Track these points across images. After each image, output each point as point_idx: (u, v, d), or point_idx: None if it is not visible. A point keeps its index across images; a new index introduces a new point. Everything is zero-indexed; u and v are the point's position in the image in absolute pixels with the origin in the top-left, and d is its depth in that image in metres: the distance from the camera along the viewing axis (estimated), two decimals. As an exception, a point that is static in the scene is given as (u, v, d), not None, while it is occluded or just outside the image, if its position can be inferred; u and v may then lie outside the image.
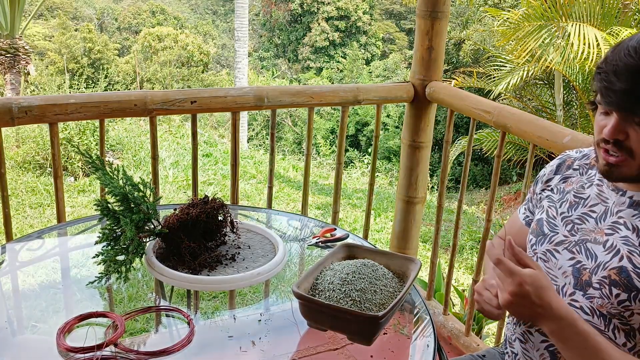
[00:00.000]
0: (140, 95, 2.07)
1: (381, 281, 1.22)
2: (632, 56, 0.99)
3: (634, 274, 1.06)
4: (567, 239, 1.18)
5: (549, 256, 1.21)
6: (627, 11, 6.16)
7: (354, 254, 1.37)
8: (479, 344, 2.47)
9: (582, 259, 1.14)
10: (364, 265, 1.25)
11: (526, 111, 2.13)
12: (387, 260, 1.33)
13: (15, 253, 1.54)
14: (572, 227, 1.19)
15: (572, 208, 1.21)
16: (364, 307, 1.15)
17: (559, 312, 1.00)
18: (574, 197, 1.22)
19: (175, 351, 1.13)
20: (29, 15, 12.67)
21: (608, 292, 1.08)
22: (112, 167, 1.43)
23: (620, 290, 1.07)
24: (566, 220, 1.20)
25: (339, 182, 2.58)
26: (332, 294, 1.18)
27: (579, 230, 1.17)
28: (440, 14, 2.44)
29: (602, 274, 1.10)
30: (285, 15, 20.59)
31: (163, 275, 1.33)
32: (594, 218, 1.16)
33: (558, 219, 1.22)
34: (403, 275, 1.31)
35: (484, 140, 7.28)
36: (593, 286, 1.11)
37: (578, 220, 1.18)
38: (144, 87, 15.69)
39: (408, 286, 1.22)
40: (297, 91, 2.37)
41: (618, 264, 1.08)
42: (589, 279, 1.12)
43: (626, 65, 0.99)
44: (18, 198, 7.37)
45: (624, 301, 1.07)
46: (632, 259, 1.07)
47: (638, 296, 1.05)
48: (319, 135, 14.50)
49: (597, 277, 1.10)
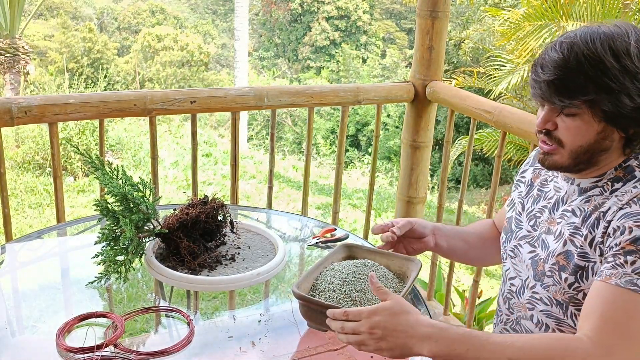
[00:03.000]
0: (139, 95, 2.06)
1: (381, 281, 1.22)
2: (557, 50, 1.04)
3: (576, 254, 1.08)
4: (530, 234, 1.22)
5: (516, 252, 1.25)
6: (627, 11, 6.15)
7: (354, 254, 1.36)
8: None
9: (539, 250, 1.18)
10: (364, 265, 1.24)
11: (527, 111, 2.13)
12: (387, 260, 1.33)
13: (14, 253, 1.53)
14: (534, 222, 1.22)
15: (535, 202, 1.24)
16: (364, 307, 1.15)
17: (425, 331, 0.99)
18: (538, 191, 1.26)
19: (175, 351, 1.13)
20: (29, 15, 12.67)
21: (559, 278, 1.12)
22: (111, 167, 1.42)
23: (568, 274, 1.10)
24: (530, 215, 1.24)
25: (339, 182, 2.57)
26: (332, 294, 1.18)
27: (539, 224, 1.20)
28: (440, 13, 2.44)
29: (552, 261, 1.13)
30: (285, 15, 20.58)
31: (163, 276, 1.33)
32: (548, 209, 1.20)
33: (523, 215, 1.26)
34: (403, 275, 1.30)
35: (484, 140, 7.27)
36: (546, 274, 1.14)
37: (538, 214, 1.22)
38: (145, 86, 15.69)
39: (408, 286, 1.22)
40: (297, 91, 2.37)
41: (563, 248, 1.11)
42: (543, 268, 1.15)
43: (550, 58, 1.05)
44: (18, 198, 7.37)
45: (572, 283, 1.10)
46: (575, 240, 1.10)
47: (584, 275, 1.08)
48: (319, 135, 14.49)
49: (549, 265, 1.14)
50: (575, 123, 1.06)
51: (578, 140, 1.07)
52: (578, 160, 1.09)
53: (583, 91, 1.02)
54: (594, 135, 1.06)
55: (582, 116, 1.04)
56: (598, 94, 1.01)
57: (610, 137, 1.06)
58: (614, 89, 1.01)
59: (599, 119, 1.04)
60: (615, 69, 1.01)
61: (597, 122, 1.04)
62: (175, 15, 20.48)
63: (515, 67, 6.97)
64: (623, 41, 1.02)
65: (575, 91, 1.03)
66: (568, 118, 1.06)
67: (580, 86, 1.02)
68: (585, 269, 1.08)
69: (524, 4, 6.40)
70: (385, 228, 1.34)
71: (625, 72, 1.01)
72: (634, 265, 0.97)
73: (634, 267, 0.97)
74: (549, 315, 1.16)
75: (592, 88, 1.01)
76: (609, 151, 1.08)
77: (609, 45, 1.01)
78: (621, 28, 1.04)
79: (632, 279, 0.96)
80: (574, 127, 1.06)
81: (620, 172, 1.10)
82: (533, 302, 1.19)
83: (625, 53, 1.01)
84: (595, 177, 1.12)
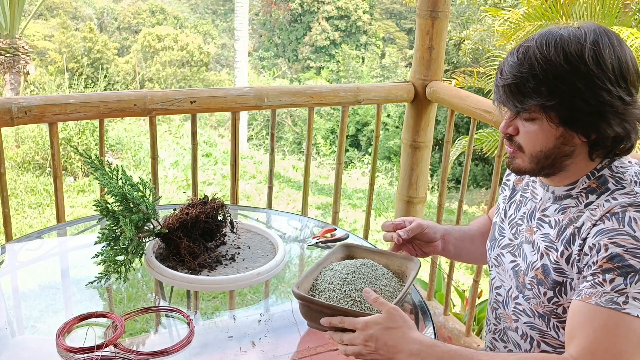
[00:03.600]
0: (139, 95, 2.06)
1: (381, 281, 1.22)
2: (514, 54, 1.05)
3: (553, 269, 1.07)
4: (511, 243, 1.21)
5: (500, 260, 1.23)
6: (627, 11, 6.15)
7: (353, 253, 1.35)
8: (479, 344, 2.47)
9: (520, 261, 1.17)
10: (363, 265, 1.24)
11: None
12: (387, 259, 1.32)
13: (14, 253, 1.53)
14: (515, 230, 1.21)
15: (517, 209, 1.23)
16: (364, 307, 1.15)
17: (412, 347, 1.00)
18: (520, 197, 1.24)
19: (175, 351, 1.13)
20: (29, 15, 12.66)
21: (537, 292, 1.11)
22: (111, 167, 1.42)
23: (546, 288, 1.09)
24: (512, 223, 1.23)
25: (339, 182, 2.57)
26: (332, 294, 1.17)
27: (520, 232, 1.19)
28: (440, 13, 2.44)
29: (531, 275, 1.12)
30: (285, 15, 20.58)
31: (163, 276, 1.33)
32: (526, 216, 1.19)
33: (506, 222, 1.25)
34: (403, 274, 1.30)
35: (484, 140, 7.27)
36: (527, 287, 1.13)
37: (520, 221, 1.21)
38: (145, 86, 15.69)
39: (408, 286, 1.22)
40: (297, 91, 2.37)
41: (540, 262, 1.10)
42: (524, 280, 1.14)
43: (508, 62, 1.05)
44: (17, 198, 7.37)
45: (552, 298, 1.09)
46: (550, 254, 1.09)
47: (562, 290, 1.07)
48: (319, 135, 14.49)
49: (529, 278, 1.13)
50: (533, 128, 1.05)
51: (538, 145, 1.06)
52: (540, 165, 1.08)
53: (536, 95, 1.01)
54: (552, 140, 1.04)
55: (540, 121, 1.03)
56: (551, 98, 1.00)
57: (571, 142, 1.04)
58: (567, 92, 0.99)
59: (556, 124, 1.02)
60: (568, 73, 0.99)
61: (555, 127, 1.03)
62: (175, 15, 20.47)
63: (515, 67, 6.96)
64: (578, 44, 1.00)
65: (528, 95, 1.02)
66: (528, 123, 1.05)
67: (533, 90, 1.01)
68: (563, 284, 1.06)
69: (524, 4, 6.39)
70: (396, 226, 1.32)
71: (578, 75, 0.99)
72: (613, 284, 0.95)
73: (613, 285, 0.95)
74: (533, 327, 1.15)
75: (545, 92, 1.00)
76: (573, 156, 1.06)
77: (562, 49, 1.00)
78: (581, 30, 1.02)
79: (612, 298, 0.94)
80: (532, 132, 1.05)
81: (594, 182, 1.07)
82: (517, 314, 1.18)
83: (579, 56, 0.99)
84: (567, 185, 1.10)
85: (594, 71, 0.99)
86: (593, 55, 0.99)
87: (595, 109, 1.00)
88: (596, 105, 0.99)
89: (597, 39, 1.00)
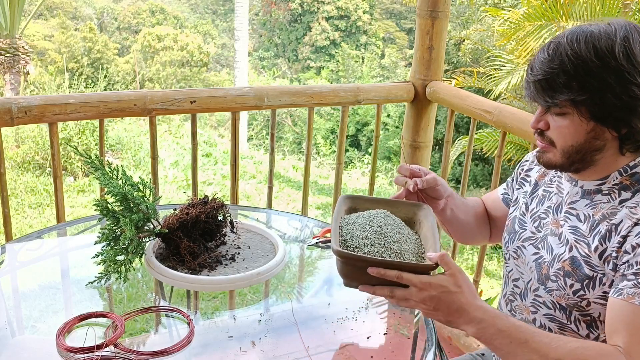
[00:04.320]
0: (139, 95, 2.06)
1: (405, 229, 1.16)
2: (544, 51, 1.07)
3: (583, 262, 1.09)
4: (533, 236, 1.22)
5: (519, 253, 1.24)
6: (627, 11, 6.15)
7: (356, 205, 1.25)
8: (479, 344, 2.47)
9: (543, 253, 1.18)
10: (384, 215, 1.17)
11: (527, 111, 2.13)
12: (393, 208, 1.23)
13: (14, 253, 1.53)
14: (538, 223, 1.22)
15: (540, 203, 1.24)
16: (405, 258, 1.08)
17: (474, 314, 1.00)
18: (543, 192, 1.26)
19: (175, 351, 1.13)
20: (29, 15, 12.67)
21: (563, 284, 1.12)
22: (111, 167, 1.42)
23: (574, 281, 1.10)
24: (534, 216, 1.24)
25: (339, 182, 2.57)
26: (372, 249, 1.08)
27: (543, 225, 1.20)
28: (440, 13, 2.44)
29: (557, 266, 1.13)
30: (285, 15, 20.58)
31: (163, 276, 1.33)
32: (552, 210, 1.20)
33: (527, 215, 1.26)
34: (410, 221, 1.23)
35: (484, 140, 7.27)
36: (551, 279, 1.14)
37: (543, 215, 1.22)
38: (145, 86, 15.69)
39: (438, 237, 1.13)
40: (297, 91, 2.37)
41: (569, 254, 1.11)
42: (548, 272, 1.15)
43: (538, 59, 1.07)
44: (17, 198, 7.37)
45: (578, 290, 1.10)
46: (579, 247, 1.10)
47: (590, 284, 1.08)
48: (319, 135, 14.49)
49: (554, 270, 1.14)
50: (564, 122, 1.07)
51: (569, 139, 1.07)
52: (571, 160, 1.09)
53: (567, 90, 1.03)
54: (583, 135, 1.06)
55: (571, 115, 1.05)
56: (582, 93, 1.02)
57: (602, 136, 1.06)
58: (597, 88, 1.01)
59: (587, 119, 1.04)
60: (599, 68, 1.01)
61: (586, 122, 1.05)
62: (175, 15, 20.47)
63: (515, 67, 6.97)
64: (609, 39, 1.02)
65: (558, 90, 1.04)
66: (558, 117, 1.07)
67: (564, 85, 1.03)
68: (592, 279, 1.07)
69: (524, 4, 6.39)
70: (413, 173, 1.27)
71: (608, 70, 1.01)
72: None
73: None
74: (552, 319, 1.16)
75: (576, 87, 1.02)
76: (603, 151, 1.08)
77: (592, 45, 1.02)
78: (611, 26, 1.04)
79: None
80: (563, 127, 1.07)
81: (627, 179, 1.09)
82: (536, 306, 1.19)
83: (609, 51, 1.01)
84: (598, 180, 1.12)
85: (624, 66, 1.00)
86: (623, 50, 1.01)
87: (626, 104, 1.01)
88: (627, 99, 1.01)
89: (627, 35, 1.02)
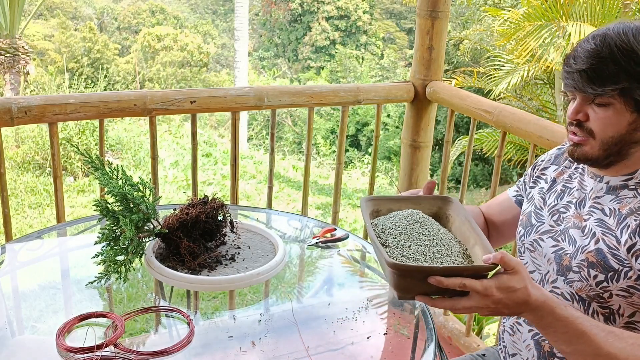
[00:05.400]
0: (139, 95, 2.06)
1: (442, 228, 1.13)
2: (589, 41, 1.08)
3: (610, 254, 1.10)
4: (552, 229, 1.23)
5: (536, 245, 1.25)
6: (627, 11, 6.15)
7: (377, 206, 1.19)
8: (479, 344, 2.47)
9: (564, 245, 1.18)
10: (419, 215, 1.12)
11: (527, 111, 2.13)
12: (416, 205, 1.18)
13: (14, 253, 1.53)
14: (557, 217, 1.23)
15: (559, 197, 1.25)
16: (453, 261, 1.04)
17: (535, 304, 0.99)
18: (562, 187, 1.26)
19: (175, 351, 1.13)
20: (29, 15, 12.67)
21: (587, 275, 1.12)
22: (111, 167, 1.42)
23: (598, 272, 1.11)
24: (552, 210, 1.25)
25: (339, 182, 2.57)
26: (422, 257, 1.03)
27: (564, 219, 1.21)
28: (440, 13, 2.44)
29: (580, 257, 1.14)
30: (285, 15, 20.57)
31: (163, 276, 1.33)
32: (574, 204, 1.21)
33: (545, 209, 1.27)
34: (437, 217, 1.18)
35: (484, 140, 7.27)
36: (573, 270, 1.15)
37: (563, 209, 1.23)
38: (145, 86, 15.69)
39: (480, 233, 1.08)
40: (297, 91, 2.37)
41: (595, 246, 1.12)
42: (569, 263, 1.16)
43: (583, 49, 1.08)
44: (17, 198, 7.37)
45: (601, 282, 1.11)
46: (606, 239, 1.11)
47: (615, 276, 1.09)
48: (319, 135, 14.49)
49: (577, 261, 1.14)
50: (606, 113, 1.07)
51: (609, 130, 1.08)
52: (608, 152, 1.10)
53: (615, 79, 1.04)
54: (625, 126, 1.07)
55: (614, 106, 1.06)
56: (630, 82, 1.03)
57: None
58: None
59: (631, 109, 1.06)
60: None
61: (630, 113, 1.06)
62: (175, 15, 20.47)
63: (515, 67, 6.97)
64: None
65: (607, 79, 1.04)
66: (600, 108, 1.08)
67: (613, 74, 1.04)
68: (617, 272, 1.09)
69: (524, 4, 6.39)
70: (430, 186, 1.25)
71: None
72: None
73: None
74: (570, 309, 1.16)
75: (624, 76, 1.04)
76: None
77: None
78: None
79: None
80: (605, 117, 1.08)
81: None
82: None
83: None
84: (625, 175, 1.13)
85: None
86: None
87: None
88: None
89: None
